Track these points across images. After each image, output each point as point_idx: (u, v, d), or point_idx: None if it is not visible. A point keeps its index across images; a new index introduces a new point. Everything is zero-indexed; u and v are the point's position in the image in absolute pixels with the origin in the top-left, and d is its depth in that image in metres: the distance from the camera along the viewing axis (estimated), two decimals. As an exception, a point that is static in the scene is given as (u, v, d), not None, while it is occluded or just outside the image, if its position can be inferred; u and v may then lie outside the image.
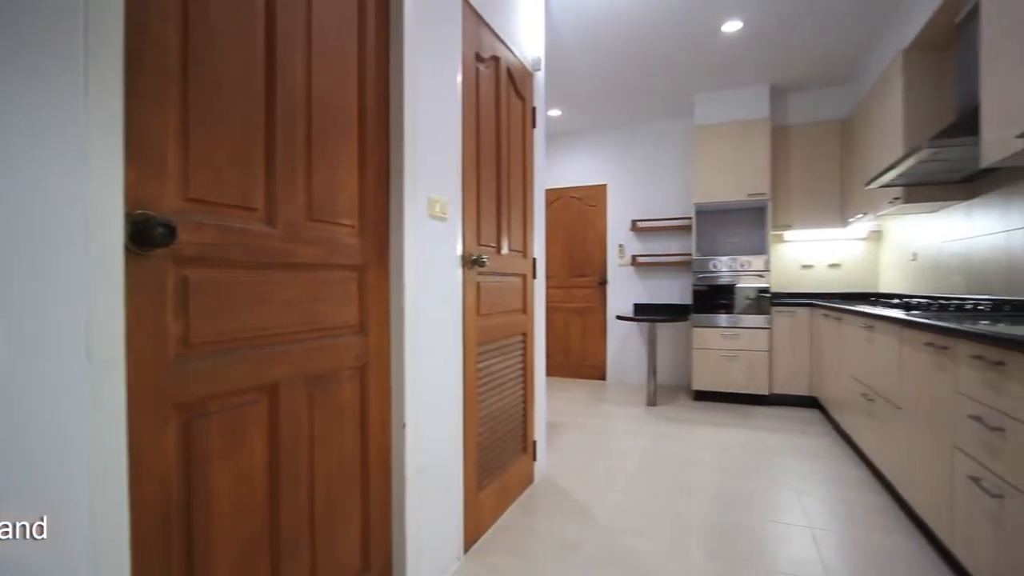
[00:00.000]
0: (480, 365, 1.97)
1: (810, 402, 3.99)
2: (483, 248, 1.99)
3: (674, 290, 4.93)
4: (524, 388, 2.41)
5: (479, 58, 1.96)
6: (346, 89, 1.31)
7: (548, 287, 5.43)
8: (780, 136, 4.23)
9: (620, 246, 5.13)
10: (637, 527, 2.05)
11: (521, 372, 2.39)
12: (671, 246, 4.93)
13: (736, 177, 4.15)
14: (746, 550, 1.88)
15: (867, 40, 3.42)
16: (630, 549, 1.88)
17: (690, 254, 4.66)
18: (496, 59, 2.12)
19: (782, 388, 4.01)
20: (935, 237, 3.05)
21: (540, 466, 2.58)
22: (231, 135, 1.00)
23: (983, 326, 1.49)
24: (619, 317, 4.29)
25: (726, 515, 2.15)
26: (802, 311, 3.94)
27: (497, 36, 2.12)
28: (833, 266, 4.33)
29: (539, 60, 2.54)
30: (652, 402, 4.10)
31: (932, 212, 3.07)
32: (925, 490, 1.86)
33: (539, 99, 2.59)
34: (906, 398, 2.04)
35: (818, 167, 4.14)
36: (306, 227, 1.18)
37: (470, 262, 1.85)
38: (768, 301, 4.00)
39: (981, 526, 1.47)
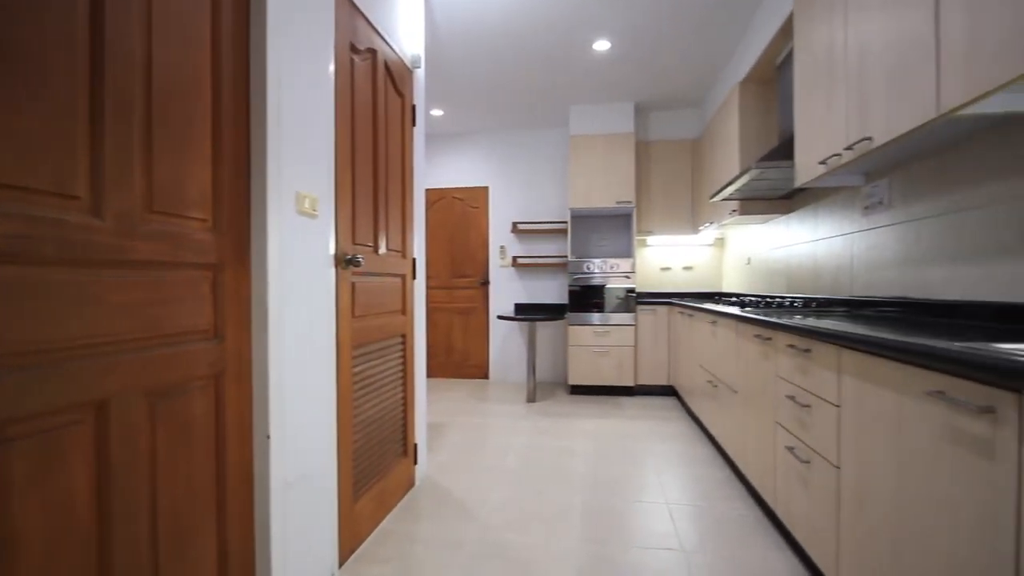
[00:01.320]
0: (356, 369, 1.89)
1: (669, 391, 4.45)
2: (359, 247, 1.91)
3: (552, 290, 5.17)
4: (404, 390, 2.36)
5: (354, 49, 1.88)
6: (197, 67, 1.17)
7: (430, 288, 5.44)
8: (643, 150, 4.66)
9: (502, 247, 5.25)
10: (517, 520, 2.12)
11: (401, 374, 2.33)
12: (549, 248, 5.17)
13: (606, 185, 4.48)
14: (614, 530, 2.03)
15: (713, 72, 3.90)
16: (510, 543, 1.93)
17: (566, 256, 4.94)
18: (373, 52, 2.05)
19: (646, 379, 4.41)
20: (765, 244, 3.58)
21: (422, 468, 2.54)
22: (42, 111, 0.84)
23: (796, 320, 1.78)
24: (500, 317, 4.39)
25: (598, 500, 2.31)
26: (662, 309, 4.37)
27: (374, 28, 2.05)
28: (687, 268, 4.87)
29: (419, 58, 2.51)
30: (532, 399, 4.26)
31: (762, 223, 3.59)
32: (756, 462, 2.17)
33: (419, 97, 2.56)
34: (741, 383, 2.36)
35: (674, 180, 4.62)
36: (145, 220, 1.04)
37: (344, 262, 1.76)
38: (634, 300, 4.38)
39: (794, 488, 1.75)
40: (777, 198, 3.16)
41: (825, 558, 1.52)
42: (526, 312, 4.88)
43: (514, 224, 5.16)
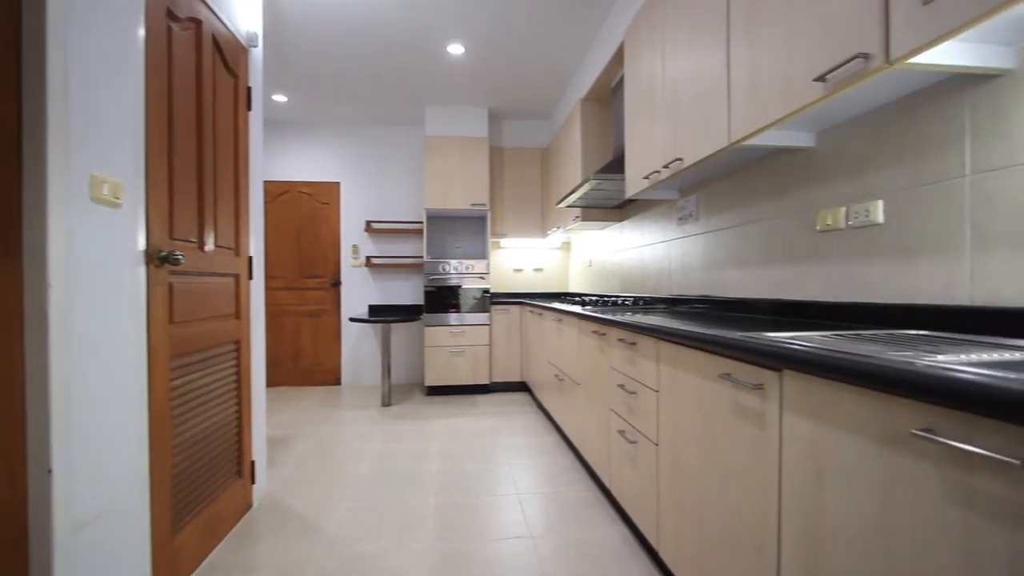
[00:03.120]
0: (176, 382, 1.65)
1: (522, 387, 4.67)
2: (178, 243, 1.67)
3: (407, 291, 5.09)
4: (239, 403, 2.13)
5: (172, 16, 1.64)
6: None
7: (274, 288, 4.98)
8: (497, 155, 4.83)
9: (354, 246, 5.02)
10: (369, 530, 2.04)
11: (235, 385, 2.10)
12: (404, 248, 5.07)
13: (462, 187, 4.55)
14: (469, 526, 2.07)
15: (561, 87, 4.19)
16: (361, 554, 1.86)
17: (422, 256, 4.90)
18: (197, 22, 1.81)
19: (500, 377, 4.57)
20: (604, 248, 3.94)
21: (261, 487, 2.32)
22: None
23: (626, 317, 2.00)
24: (353, 319, 4.18)
25: (452, 499, 2.33)
26: (515, 309, 4.57)
27: (198, -4, 1.81)
28: (537, 270, 5.16)
29: (255, 36, 2.28)
30: (387, 402, 4.14)
31: (601, 229, 3.95)
32: (594, 447, 2.38)
33: (256, 79, 2.33)
34: (583, 376, 2.57)
35: (526, 185, 4.87)
36: None
37: (159, 259, 1.53)
38: (489, 301, 4.51)
39: (624, 467, 1.96)
40: (612, 207, 3.51)
41: (648, 525, 1.73)
42: (381, 313, 4.73)
43: (368, 223, 4.97)
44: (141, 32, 1.45)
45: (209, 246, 1.88)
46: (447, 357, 4.43)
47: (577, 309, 2.62)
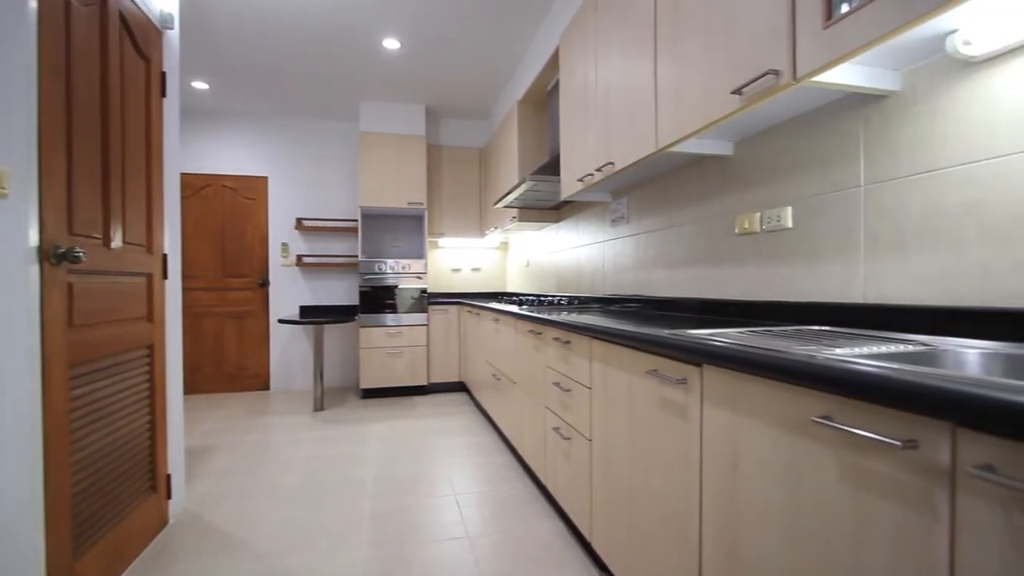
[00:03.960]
0: (77, 391, 1.50)
1: (460, 387, 4.65)
2: (80, 239, 1.52)
3: (341, 291, 4.92)
4: (152, 413, 1.97)
5: (71, -11, 1.49)
6: None
7: (193, 289, 4.65)
8: (434, 153, 4.77)
9: (284, 244, 4.79)
10: (299, 541, 1.95)
11: (147, 393, 1.94)
12: (338, 247, 4.90)
13: (398, 186, 4.46)
14: (405, 530, 2.03)
15: (498, 87, 4.21)
16: (290, 568, 1.77)
17: (357, 256, 4.76)
18: (101, -2, 1.65)
19: (438, 378, 4.52)
20: (540, 249, 4.00)
21: (178, 502, 2.16)
22: None
23: (561, 316, 2.04)
24: (282, 320, 3.99)
25: (388, 503, 2.28)
26: (453, 309, 4.55)
27: (103, -31, 1.66)
28: (475, 270, 5.15)
29: (171, 17, 2.12)
30: (320, 407, 3.98)
31: (538, 229, 4.01)
32: (530, 444, 2.42)
33: (172, 64, 2.17)
34: (519, 375, 2.60)
35: (464, 185, 4.85)
36: None
37: (55, 256, 1.38)
38: (426, 301, 4.45)
39: (559, 463, 2.00)
40: (549, 208, 3.57)
41: (582, 518, 1.78)
42: (313, 315, 4.54)
43: (299, 220, 4.75)
44: (32, 4, 1.31)
45: (117, 243, 1.73)
46: (384, 358, 4.33)
47: (514, 309, 2.64)
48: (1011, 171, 0.97)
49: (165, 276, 2.09)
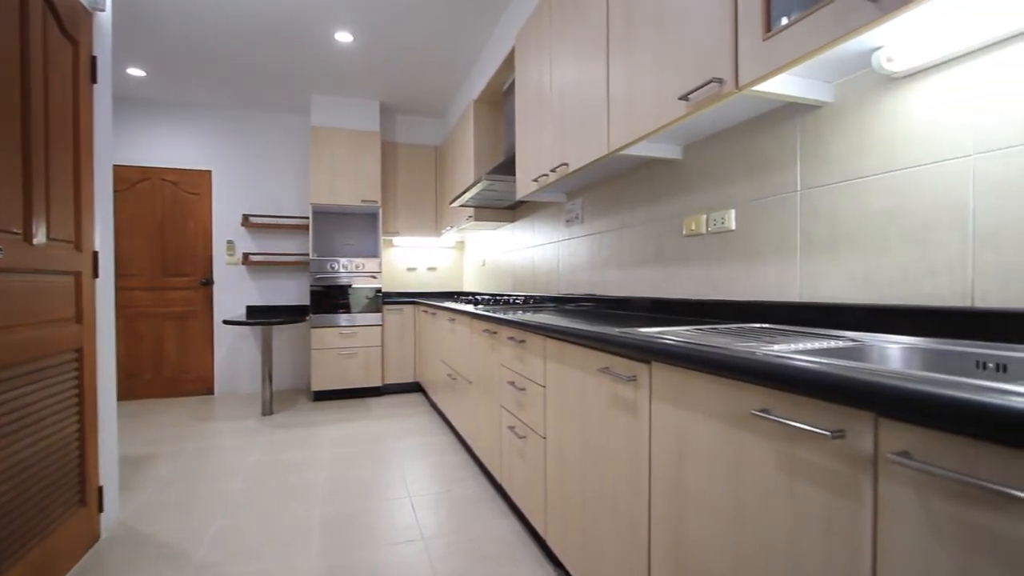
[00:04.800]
0: (-8, 400, 1.39)
1: (416, 387, 4.59)
2: (-4, 234, 1.41)
3: (291, 291, 4.76)
4: (81, 421, 1.84)
5: (-15, -37, 1.38)
6: None
7: (129, 289, 4.38)
8: (389, 151, 4.69)
9: (229, 242, 4.58)
10: (245, 550, 1.88)
11: (75, 401, 1.81)
12: (288, 245, 4.74)
13: (352, 183, 4.35)
14: (357, 535, 1.99)
15: (454, 85, 4.18)
16: (232, 578, 1.70)
17: (308, 254, 4.62)
18: (21, -25, 1.53)
19: (393, 378, 4.45)
20: (496, 248, 4.01)
21: (112, 515, 2.03)
22: None
23: (517, 315, 2.05)
24: (227, 321, 3.81)
25: (341, 508, 2.22)
26: (408, 308, 4.48)
27: (23, -57, 1.54)
28: (431, 269, 5.10)
29: (102, -1, 1.99)
30: (268, 410, 3.84)
31: (494, 229, 4.01)
32: (486, 443, 2.42)
33: (103, 48, 2.03)
34: (475, 374, 2.59)
35: (419, 183, 4.79)
36: None
37: (-33, 254, 1.27)
38: (381, 300, 4.37)
39: (514, 461, 2.01)
40: (504, 207, 3.58)
41: (536, 515, 1.79)
42: (261, 315, 4.36)
43: (245, 216, 4.56)
44: (-60, -22, 1.20)
45: (39, 238, 1.60)
46: (337, 360, 4.22)
47: (470, 308, 2.63)
48: (925, 180, 1.06)
49: (96, 275, 1.96)
